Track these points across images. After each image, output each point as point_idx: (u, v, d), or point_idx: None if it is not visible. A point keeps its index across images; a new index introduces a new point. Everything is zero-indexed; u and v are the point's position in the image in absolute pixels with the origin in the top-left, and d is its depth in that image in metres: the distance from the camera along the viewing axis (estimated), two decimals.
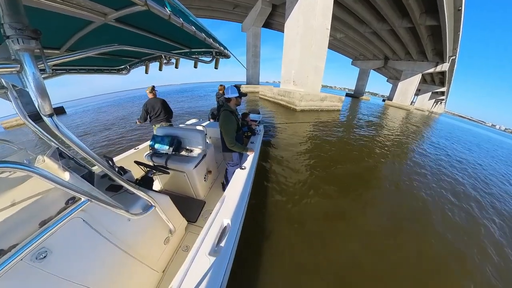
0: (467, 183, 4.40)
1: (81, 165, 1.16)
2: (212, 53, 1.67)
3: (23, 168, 0.55)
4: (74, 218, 0.84)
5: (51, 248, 0.77)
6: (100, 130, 7.18)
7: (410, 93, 24.88)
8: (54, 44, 1.04)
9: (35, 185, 0.89)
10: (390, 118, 13.86)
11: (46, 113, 0.54)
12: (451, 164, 5.69)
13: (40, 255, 0.73)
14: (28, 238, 0.67)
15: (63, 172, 0.87)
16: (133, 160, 1.82)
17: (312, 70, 11.60)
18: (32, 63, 0.50)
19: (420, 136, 9.08)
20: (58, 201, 0.83)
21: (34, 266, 0.72)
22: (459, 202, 3.45)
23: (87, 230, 0.90)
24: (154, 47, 1.38)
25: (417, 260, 2.11)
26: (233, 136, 1.82)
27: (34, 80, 0.50)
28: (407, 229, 2.59)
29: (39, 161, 0.96)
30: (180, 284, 0.84)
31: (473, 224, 2.92)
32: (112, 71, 1.87)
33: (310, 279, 1.78)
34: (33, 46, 0.51)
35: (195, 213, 2.01)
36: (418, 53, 21.34)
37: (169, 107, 3.41)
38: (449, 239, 2.50)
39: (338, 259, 2.00)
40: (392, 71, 31.97)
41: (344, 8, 15.00)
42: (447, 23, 13.20)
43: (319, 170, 3.96)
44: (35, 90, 0.50)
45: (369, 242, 2.27)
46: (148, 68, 1.96)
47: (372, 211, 2.88)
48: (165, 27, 1.07)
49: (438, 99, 37.84)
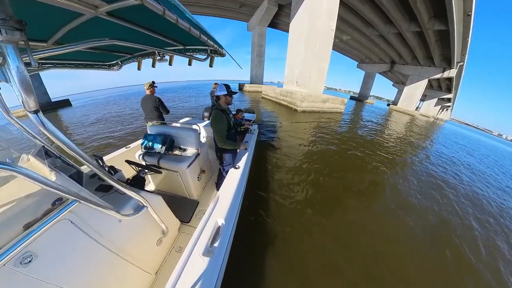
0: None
1: (69, 164, 1.10)
2: (207, 51, 1.65)
3: (5, 167, 0.51)
4: (62, 220, 0.80)
5: (36, 252, 0.72)
6: (105, 121, 7.32)
7: (416, 98, 24.55)
8: (41, 36, 0.99)
9: (19, 186, 0.84)
10: (392, 124, 13.66)
11: (31, 109, 0.50)
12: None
13: (24, 259, 0.69)
14: (11, 242, 0.64)
15: (50, 172, 0.82)
16: (124, 159, 1.76)
17: (315, 71, 11.55)
18: (16, 55, 0.47)
19: (430, 145, 8.82)
20: (44, 203, 0.79)
21: (18, 272, 0.67)
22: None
23: (76, 232, 0.86)
24: (147, 42, 1.35)
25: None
26: (223, 135, 1.80)
27: (18, 74, 0.47)
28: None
29: (23, 160, 0.90)
30: (174, 285, 0.83)
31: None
32: (102, 67, 1.80)
33: (307, 277, 1.80)
34: (17, 37, 0.48)
35: (188, 213, 1.98)
36: (425, 58, 21.03)
37: (164, 105, 3.27)
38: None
39: (336, 258, 2.02)
40: (398, 75, 31.58)
41: (351, 10, 14.87)
42: (456, 28, 12.99)
43: (314, 172, 3.97)
44: (19, 85, 0.47)
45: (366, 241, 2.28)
46: (140, 65, 1.90)
47: (368, 214, 2.88)
48: (159, 22, 1.04)
49: (444, 106, 37.24)
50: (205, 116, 3.73)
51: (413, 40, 17.31)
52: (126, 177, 1.61)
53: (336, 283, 1.79)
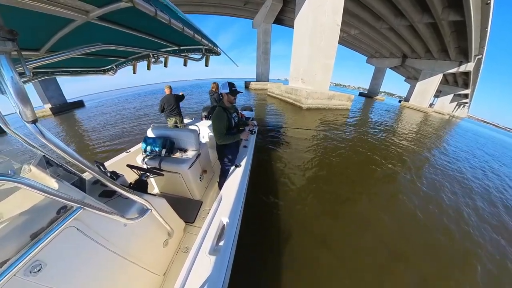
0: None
1: (71, 172, 1.10)
2: (201, 50, 1.63)
3: (8, 179, 0.51)
4: (68, 228, 0.80)
5: (45, 261, 0.73)
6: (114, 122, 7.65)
7: (429, 95, 23.35)
8: (33, 45, 0.98)
9: (23, 197, 0.84)
10: (401, 122, 13.06)
11: (29, 120, 0.49)
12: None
13: (34, 268, 0.69)
14: (20, 252, 0.65)
15: (52, 181, 0.83)
16: (126, 163, 1.75)
17: (321, 68, 11.33)
18: (9, 66, 0.47)
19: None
20: (49, 211, 0.79)
21: (29, 281, 0.68)
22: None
23: (82, 239, 0.87)
24: (141, 45, 1.35)
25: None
26: (221, 132, 1.78)
27: (13, 85, 0.46)
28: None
29: (25, 171, 0.90)
30: (183, 285, 0.83)
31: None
32: (97, 72, 1.80)
33: (310, 273, 1.83)
34: (10, 48, 0.47)
35: (192, 213, 2.00)
36: (440, 52, 19.90)
37: (180, 96, 4.11)
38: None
39: (340, 255, 2.04)
40: (411, 70, 30.17)
41: (359, 3, 14.33)
42: (473, 18, 12.15)
43: (314, 168, 3.95)
44: (15, 96, 0.46)
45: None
46: (135, 68, 1.88)
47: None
48: (152, 24, 1.02)
49: (460, 102, 35.19)
50: (204, 116, 3.68)
51: (426, 32, 16.41)
52: (129, 181, 1.62)
53: (343, 281, 1.80)
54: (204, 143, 2.56)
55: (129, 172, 1.67)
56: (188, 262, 0.94)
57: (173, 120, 4.05)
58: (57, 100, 12.61)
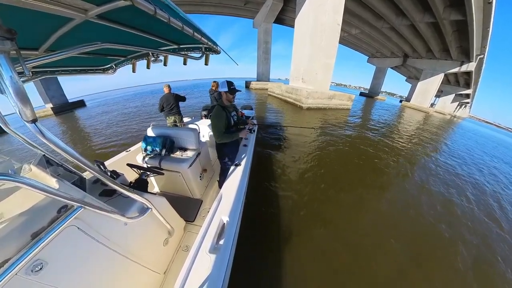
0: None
1: (71, 172, 1.10)
2: (201, 49, 1.63)
3: (9, 179, 0.51)
4: (68, 227, 0.81)
5: (46, 260, 0.74)
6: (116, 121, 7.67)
7: (430, 94, 23.25)
8: (32, 44, 0.97)
9: (23, 196, 0.84)
10: (401, 122, 13.03)
11: (28, 119, 0.49)
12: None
13: (35, 267, 0.70)
14: (21, 251, 0.65)
15: (53, 180, 0.83)
16: (126, 162, 1.75)
17: (322, 67, 11.32)
18: (8, 66, 0.46)
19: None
20: (50, 211, 0.79)
21: (31, 280, 0.69)
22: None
23: (83, 237, 0.88)
24: (140, 44, 1.34)
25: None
26: (220, 131, 1.79)
27: (12, 84, 0.46)
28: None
29: (25, 170, 0.91)
30: (184, 284, 0.84)
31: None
32: (97, 71, 1.79)
33: (310, 271, 1.84)
34: (8, 47, 0.47)
35: (192, 212, 2.02)
36: (441, 51, 19.80)
37: (180, 96, 4.07)
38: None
39: (342, 250, 2.07)
40: (412, 69, 30.04)
41: (360, 2, 14.28)
42: (475, 18, 12.08)
43: (315, 167, 3.94)
44: (14, 96, 0.46)
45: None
46: (135, 67, 1.86)
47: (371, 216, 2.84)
48: (151, 22, 1.03)
49: (462, 102, 35.00)
50: (203, 115, 3.68)
51: (427, 32, 16.34)
52: (129, 180, 1.62)
53: (344, 280, 1.81)
54: (204, 142, 2.56)
55: (129, 171, 1.68)
56: (188, 260, 0.94)
57: (172, 119, 4.04)
58: (59, 100, 12.68)
